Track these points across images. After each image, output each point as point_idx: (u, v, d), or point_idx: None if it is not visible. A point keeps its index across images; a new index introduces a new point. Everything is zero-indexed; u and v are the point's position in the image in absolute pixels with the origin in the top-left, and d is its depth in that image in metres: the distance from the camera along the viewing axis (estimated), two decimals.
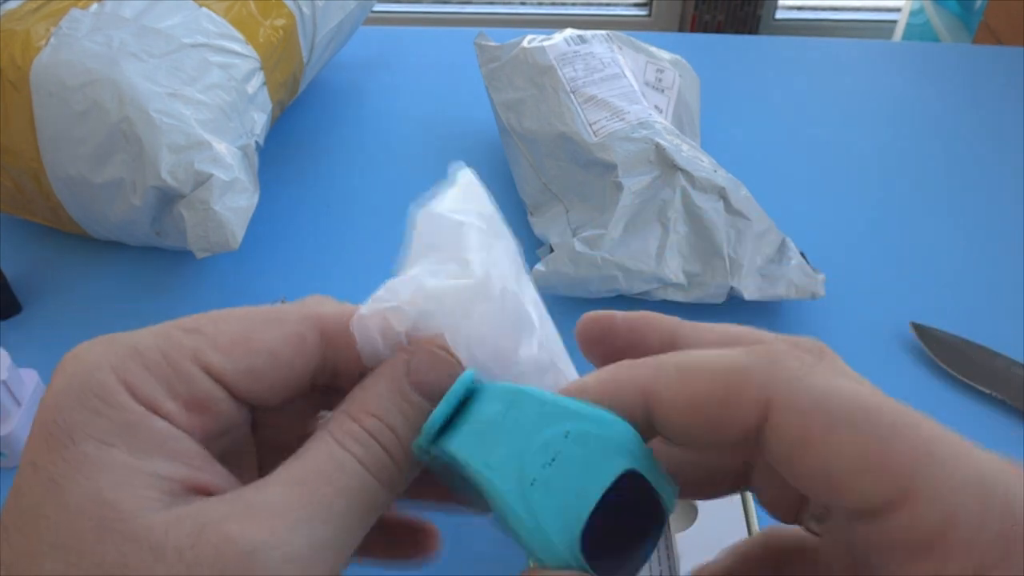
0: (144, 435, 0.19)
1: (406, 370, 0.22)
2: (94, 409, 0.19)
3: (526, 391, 0.21)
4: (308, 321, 0.22)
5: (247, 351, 0.21)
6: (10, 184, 0.53)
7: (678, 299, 0.51)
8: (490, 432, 0.20)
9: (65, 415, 0.19)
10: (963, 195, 0.63)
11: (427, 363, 0.22)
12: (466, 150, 0.68)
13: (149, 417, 0.19)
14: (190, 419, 0.20)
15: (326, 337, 0.22)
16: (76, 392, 0.19)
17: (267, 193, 0.62)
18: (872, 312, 0.54)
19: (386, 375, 0.22)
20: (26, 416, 0.44)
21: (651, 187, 0.52)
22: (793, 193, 0.63)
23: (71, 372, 0.20)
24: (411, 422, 0.21)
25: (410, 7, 2.22)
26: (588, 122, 0.55)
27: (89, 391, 0.19)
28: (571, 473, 0.19)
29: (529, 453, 0.20)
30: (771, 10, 2.14)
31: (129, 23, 0.53)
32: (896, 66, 0.79)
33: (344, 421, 0.21)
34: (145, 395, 0.19)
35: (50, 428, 0.19)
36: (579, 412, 0.20)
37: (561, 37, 0.62)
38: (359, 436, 0.20)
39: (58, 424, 0.19)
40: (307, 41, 0.64)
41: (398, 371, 0.22)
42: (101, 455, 0.18)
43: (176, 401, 0.20)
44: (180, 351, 0.20)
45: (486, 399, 0.21)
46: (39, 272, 0.56)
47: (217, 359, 0.21)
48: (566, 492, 0.19)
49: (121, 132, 0.49)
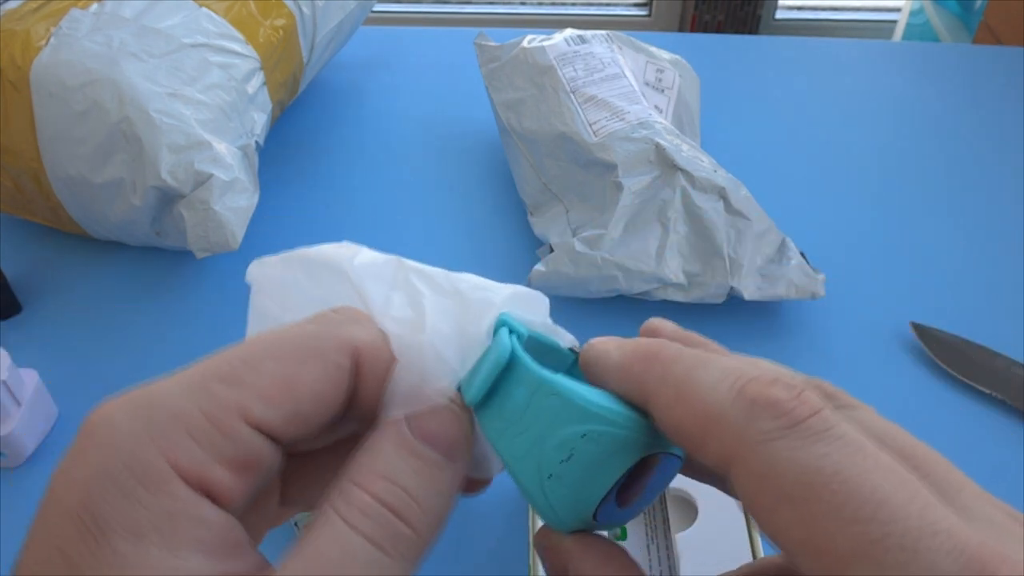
0: (184, 527, 0.17)
1: (408, 425, 0.20)
2: (136, 498, 0.17)
3: (549, 382, 0.21)
4: (345, 349, 0.20)
5: (292, 397, 0.19)
6: (10, 184, 0.53)
7: (678, 299, 0.51)
8: (514, 421, 0.21)
9: (99, 504, 0.17)
10: (963, 195, 0.63)
11: (427, 413, 0.21)
12: (466, 150, 0.68)
13: (193, 503, 0.17)
14: (236, 482, 0.19)
15: (358, 367, 0.21)
16: (115, 476, 0.17)
17: (267, 193, 0.62)
18: (872, 312, 0.54)
19: (388, 434, 0.20)
20: (26, 416, 0.44)
21: (651, 187, 0.52)
22: (793, 193, 0.63)
23: (106, 444, 0.17)
24: (425, 479, 0.20)
25: (410, 7, 2.22)
26: (588, 122, 0.55)
27: (131, 475, 0.17)
28: (585, 469, 0.21)
29: (548, 450, 0.21)
30: (771, 10, 2.14)
31: (129, 23, 0.53)
32: (896, 66, 0.79)
33: (350, 492, 0.19)
34: (193, 471, 0.18)
35: (80, 515, 0.17)
36: (597, 415, 0.21)
37: (561, 37, 0.62)
38: (368, 508, 0.19)
39: (91, 512, 0.17)
40: (307, 41, 0.64)
41: (401, 427, 0.20)
42: (135, 554, 0.17)
43: (224, 466, 0.18)
44: (225, 410, 0.18)
45: (514, 379, 0.22)
46: (39, 272, 0.56)
47: (264, 411, 0.19)
48: (580, 485, 0.21)
49: (121, 132, 0.49)
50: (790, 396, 0.18)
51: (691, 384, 0.19)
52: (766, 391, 0.18)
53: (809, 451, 0.17)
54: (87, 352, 0.51)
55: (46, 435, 0.46)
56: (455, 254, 0.58)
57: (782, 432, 0.17)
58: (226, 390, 0.18)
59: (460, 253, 0.59)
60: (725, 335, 0.52)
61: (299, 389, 0.19)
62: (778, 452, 0.17)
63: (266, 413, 0.19)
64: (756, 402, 0.18)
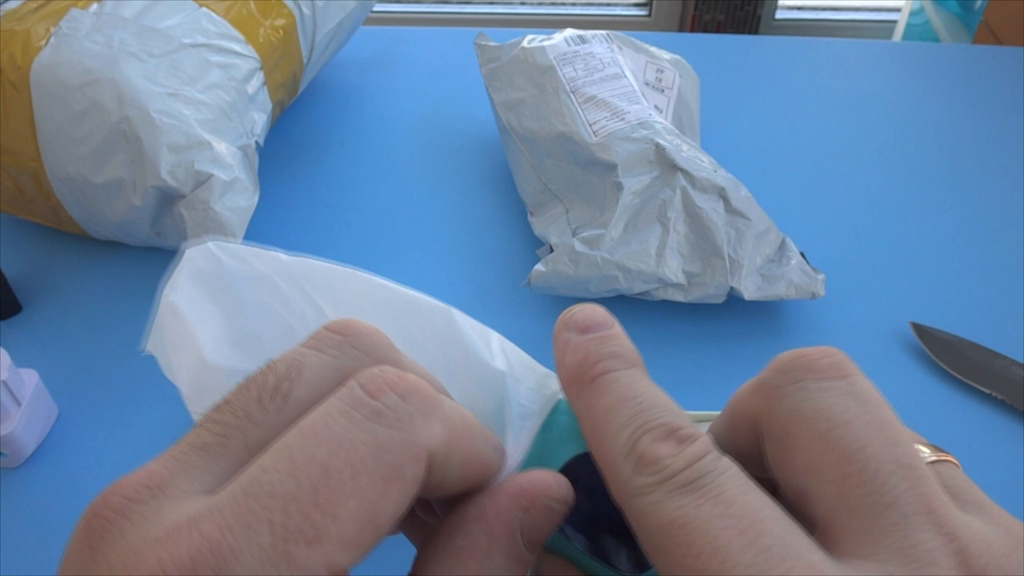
0: None
1: (520, 528, 0.19)
2: None
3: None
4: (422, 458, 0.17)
5: (375, 531, 0.16)
6: (10, 184, 0.53)
7: (678, 299, 0.51)
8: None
9: None
10: (963, 195, 0.63)
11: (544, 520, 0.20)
12: (466, 150, 0.68)
13: None
14: None
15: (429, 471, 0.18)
16: None
17: (267, 193, 0.62)
18: (872, 312, 0.54)
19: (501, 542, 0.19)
20: (26, 416, 0.44)
21: (651, 187, 0.52)
22: (793, 193, 0.63)
23: None
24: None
25: (410, 7, 2.22)
26: (588, 122, 0.55)
27: None
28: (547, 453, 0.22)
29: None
30: (771, 10, 2.14)
31: (129, 23, 0.53)
32: (896, 66, 0.79)
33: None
34: None
35: None
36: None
37: (561, 37, 0.62)
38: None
39: None
40: (307, 41, 0.64)
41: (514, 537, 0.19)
42: None
43: None
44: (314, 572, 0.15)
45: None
46: (39, 272, 0.56)
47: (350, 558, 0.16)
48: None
49: (121, 132, 0.49)
50: (671, 452, 0.18)
51: (602, 426, 0.20)
52: (651, 448, 0.18)
53: (669, 504, 0.17)
54: (87, 352, 0.51)
55: (46, 435, 0.46)
56: (455, 254, 0.58)
57: (653, 488, 0.18)
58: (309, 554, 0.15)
59: (460, 253, 0.59)
60: (725, 335, 0.52)
61: (379, 522, 0.16)
62: (647, 505, 0.18)
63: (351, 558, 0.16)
64: (641, 459, 0.18)
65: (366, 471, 0.16)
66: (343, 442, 0.16)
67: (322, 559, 0.15)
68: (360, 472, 0.16)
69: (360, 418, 0.17)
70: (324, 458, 0.16)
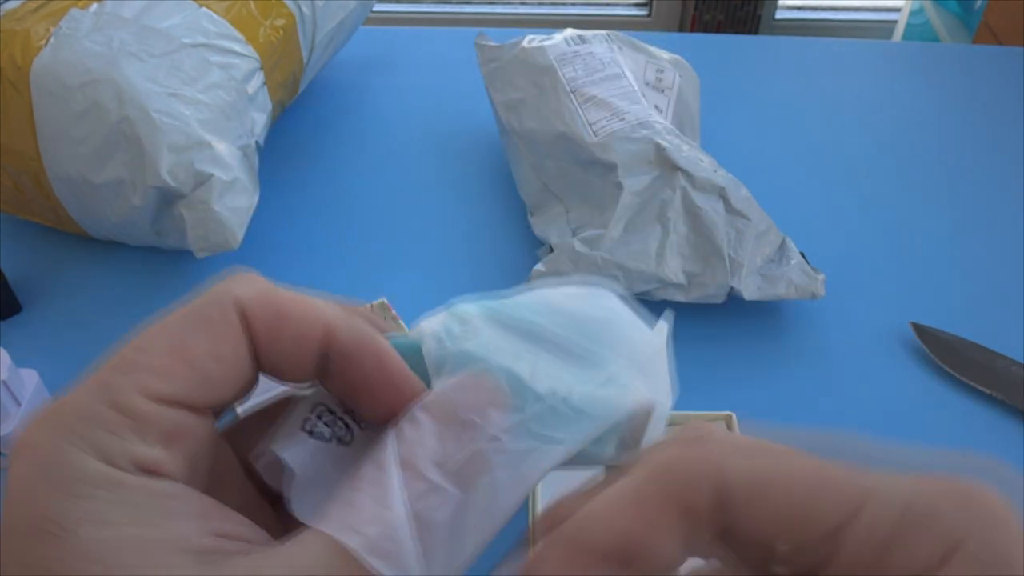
0: (143, 502, 0.18)
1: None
2: (85, 495, 0.17)
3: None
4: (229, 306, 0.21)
5: (188, 364, 0.20)
6: (10, 184, 0.53)
7: (678, 299, 0.51)
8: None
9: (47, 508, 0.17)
10: (963, 195, 0.63)
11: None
12: (466, 150, 0.68)
13: (139, 483, 0.18)
14: (168, 455, 0.19)
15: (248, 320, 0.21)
16: (52, 482, 0.17)
17: (267, 193, 0.62)
18: (872, 312, 0.54)
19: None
20: (26, 416, 0.44)
21: (651, 187, 0.52)
22: (793, 193, 0.63)
23: (35, 462, 0.18)
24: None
25: (410, 7, 2.22)
26: (588, 122, 0.55)
27: (72, 479, 0.17)
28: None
29: None
30: (771, 10, 2.14)
31: (129, 23, 0.53)
32: (896, 66, 0.79)
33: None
34: (122, 456, 0.18)
35: (38, 524, 0.17)
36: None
37: (561, 37, 0.62)
38: None
39: (46, 518, 0.17)
40: (307, 41, 0.64)
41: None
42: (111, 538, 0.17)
43: (150, 445, 0.19)
44: (126, 395, 0.19)
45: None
46: (39, 272, 0.56)
47: (162, 385, 0.19)
48: None
49: (121, 132, 0.49)
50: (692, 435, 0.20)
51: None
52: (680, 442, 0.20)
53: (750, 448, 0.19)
54: (87, 352, 0.50)
55: None
56: (455, 254, 0.58)
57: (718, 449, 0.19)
58: (122, 378, 0.19)
59: (460, 253, 0.59)
60: (725, 335, 0.52)
61: (193, 355, 0.20)
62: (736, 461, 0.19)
63: (166, 386, 0.19)
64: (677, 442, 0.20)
65: (176, 319, 0.20)
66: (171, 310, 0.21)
67: (132, 381, 0.19)
68: (175, 322, 0.20)
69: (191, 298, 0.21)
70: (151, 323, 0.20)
